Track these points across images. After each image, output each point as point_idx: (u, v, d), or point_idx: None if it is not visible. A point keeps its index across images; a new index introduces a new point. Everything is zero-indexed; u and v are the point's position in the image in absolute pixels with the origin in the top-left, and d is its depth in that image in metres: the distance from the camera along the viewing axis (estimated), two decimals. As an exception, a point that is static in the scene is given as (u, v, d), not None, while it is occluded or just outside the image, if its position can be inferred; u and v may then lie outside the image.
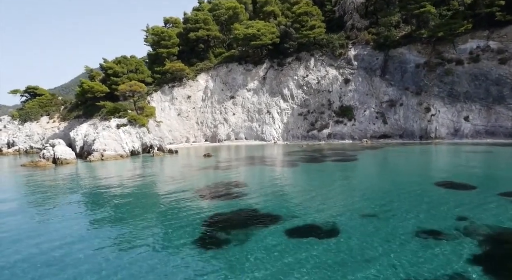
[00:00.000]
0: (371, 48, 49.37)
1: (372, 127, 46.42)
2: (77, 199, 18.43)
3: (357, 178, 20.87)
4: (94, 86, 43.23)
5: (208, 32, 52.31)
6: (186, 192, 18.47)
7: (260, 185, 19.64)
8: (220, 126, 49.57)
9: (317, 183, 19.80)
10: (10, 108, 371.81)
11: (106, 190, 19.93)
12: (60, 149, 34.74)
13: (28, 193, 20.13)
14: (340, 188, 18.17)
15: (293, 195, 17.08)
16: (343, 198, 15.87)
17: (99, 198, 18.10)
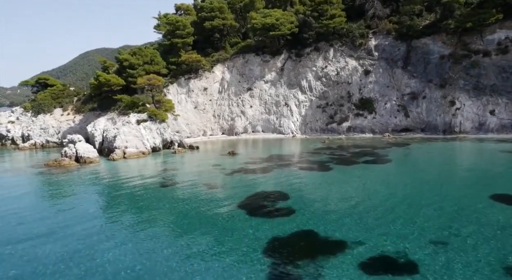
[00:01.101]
0: (393, 38, 47.86)
1: (393, 121, 45.53)
2: (131, 216, 17.90)
3: (402, 189, 20.01)
4: (110, 79, 42.14)
5: (224, 21, 50.65)
6: (230, 206, 17.96)
7: (305, 198, 19.04)
8: (237, 119, 48.73)
9: (364, 195, 19.13)
10: (8, 91, 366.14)
11: (150, 204, 19.40)
12: (82, 147, 34.14)
13: (77, 203, 19.61)
14: (391, 203, 17.54)
15: (346, 211, 16.50)
16: (401, 217, 15.30)
17: (150, 214, 17.58)
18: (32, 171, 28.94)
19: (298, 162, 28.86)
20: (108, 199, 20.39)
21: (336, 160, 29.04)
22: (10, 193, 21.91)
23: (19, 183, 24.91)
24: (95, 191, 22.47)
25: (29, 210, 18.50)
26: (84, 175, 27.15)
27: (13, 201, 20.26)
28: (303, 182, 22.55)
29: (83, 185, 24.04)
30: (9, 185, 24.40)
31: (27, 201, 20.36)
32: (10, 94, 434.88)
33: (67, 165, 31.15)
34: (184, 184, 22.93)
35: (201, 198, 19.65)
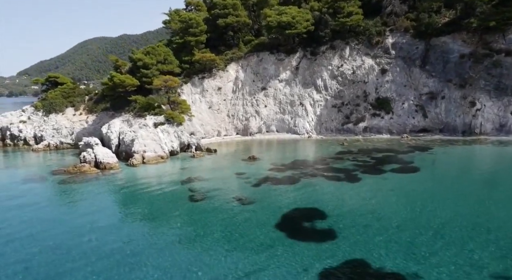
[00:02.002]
0: (411, 36, 46.92)
1: (411, 121, 44.91)
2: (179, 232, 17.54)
3: (444, 206, 19.23)
4: (125, 80, 41.43)
5: (237, 18, 49.60)
6: (267, 226, 17.55)
7: (342, 216, 18.60)
8: (251, 119, 48.13)
9: (405, 214, 18.42)
10: (7, 80, 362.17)
11: (184, 223, 19.02)
12: (101, 152, 33.72)
13: (111, 222, 19.25)
14: (437, 224, 16.97)
15: (391, 235, 16.02)
16: (453, 243, 14.83)
17: (188, 235, 17.21)
18: (55, 179, 28.52)
19: (323, 170, 28.40)
20: (141, 218, 19.90)
21: (362, 168, 28.59)
22: (41, 209, 21.51)
23: (46, 196, 24.47)
24: (125, 206, 22.16)
25: (65, 232, 18.15)
26: (108, 185, 26.78)
27: (46, 218, 19.88)
28: (335, 195, 22.13)
29: (110, 199, 23.74)
30: (36, 197, 23.98)
31: (59, 219, 19.98)
32: (9, 84, 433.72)
33: (88, 171, 30.75)
34: (213, 198, 22.53)
35: (235, 216, 19.27)
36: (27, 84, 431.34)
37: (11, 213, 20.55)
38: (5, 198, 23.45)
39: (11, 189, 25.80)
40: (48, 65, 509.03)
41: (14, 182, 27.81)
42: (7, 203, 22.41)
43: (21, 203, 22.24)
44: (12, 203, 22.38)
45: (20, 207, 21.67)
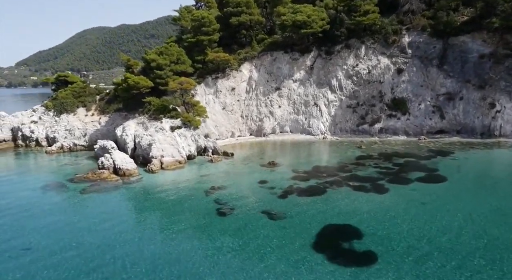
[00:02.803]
0: (428, 35, 46.07)
1: (428, 122, 44.37)
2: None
3: (486, 224, 18.60)
4: (139, 81, 40.79)
5: (251, 16, 48.66)
6: (302, 247, 17.26)
7: (379, 235, 18.24)
8: (265, 119, 47.61)
9: (446, 233, 17.81)
10: (5, 71, 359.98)
11: (217, 240, 18.72)
12: (119, 157, 33.37)
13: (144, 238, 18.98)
14: (484, 246, 16.46)
15: (437, 261, 15.49)
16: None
17: (225, 256, 16.93)
18: (76, 188, 28.20)
19: (348, 179, 28.03)
20: (174, 235, 19.56)
21: (386, 176, 28.24)
22: (68, 225, 21.21)
23: (71, 208, 24.10)
24: (152, 221, 21.80)
25: (100, 249, 17.91)
26: (131, 195, 26.49)
27: (76, 237, 19.62)
28: (365, 210, 21.77)
29: (136, 212, 23.43)
30: (62, 211, 23.69)
31: (90, 236, 19.70)
32: (8, 74, 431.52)
33: (108, 178, 30.42)
34: (241, 212, 22.22)
35: (268, 234, 18.94)
36: (26, 75, 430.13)
37: (41, 232, 20.23)
38: (29, 213, 23.05)
39: (34, 202, 25.35)
40: (46, 55, 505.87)
41: (35, 192, 27.40)
42: (33, 221, 22.07)
43: (49, 221, 21.86)
44: (39, 222, 21.95)
45: (47, 223, 21.35)
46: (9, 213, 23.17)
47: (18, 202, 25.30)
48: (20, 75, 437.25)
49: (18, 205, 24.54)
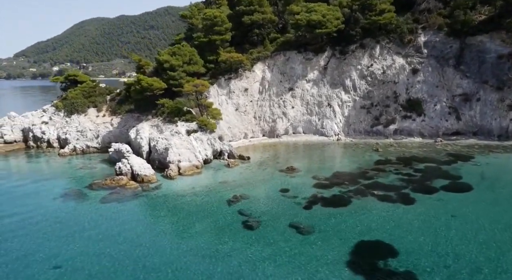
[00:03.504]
0: (445, 34, 45.27)
1: (444, 124, 43.91)
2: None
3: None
4: (153, 83, 40.25)
5: (263, 15, 47.84)
6: (338, 268, 17.03)
7: (414, 254, 17.95)
8: (278, 120, 47.16)
9: (492, 255, 17.39)
10: (4, 62, 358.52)
11: (251, 258, 18.50)
12: (136, 163, 33.08)
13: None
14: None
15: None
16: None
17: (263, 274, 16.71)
18: (96, 196, 27.96)
19: (371, 187, 27.74)
20: (204, 251, 19.41)
21: (410, 184, 27.98)
22: (93, 239, 21.01)
23: (94, 221, 23.82)
24: (178, 235, 21.59)
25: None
26: (153, 205, 26.26)
27: (104, 252, 19.42)
28: (395, 223, 21.50)
29: (161, 224, 23.18)
30: (83, 220, 23.50)
31: (117, 251, 19.49)
32: (6, 66, 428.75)
33: (127, 185, 30.17)
34: (268, 225, 21.98)
35: (300, 251, 18.69)
36: (25, 66, 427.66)
37: (67, 246, 20.04)
38: (51, 226, 22.77)
39: (56, 212, 25.09)
40: (45, 46, 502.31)
41: (56, 202, 27.10)
42: (57, 233, 21.88)
43: (71, 232, 21.72)
44: (63, 232, 21.81)
45: (72, 237, 21.15)
46: (33, 225, 23.01)
47: (40, 212, 25.12)
48: (19, 66, 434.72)
49: (41, 216, 24.38)
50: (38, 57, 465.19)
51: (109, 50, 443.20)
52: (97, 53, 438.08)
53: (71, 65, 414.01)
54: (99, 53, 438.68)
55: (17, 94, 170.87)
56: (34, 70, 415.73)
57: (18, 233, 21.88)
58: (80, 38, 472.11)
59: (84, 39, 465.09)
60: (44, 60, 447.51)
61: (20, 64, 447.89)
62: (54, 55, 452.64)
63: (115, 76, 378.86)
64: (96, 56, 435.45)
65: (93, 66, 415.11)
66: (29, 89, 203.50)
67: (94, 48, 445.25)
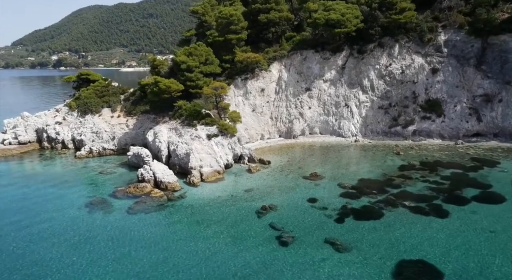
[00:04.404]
0: (466, 33, 44.30)
1: (464, 125, 43.37)
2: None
3: None
4: (171, 85, 39.56)
5: (280, 13, 46.78)
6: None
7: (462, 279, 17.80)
8: (295, 121, 46.62)
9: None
10: (2, 51, 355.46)
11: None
12: (159, 169, 32.74)
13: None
14: None
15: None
16: None
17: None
18: (121, 206, 27.72)
19: (400, 197, 27.46)
20: (242, 272, 19.24)
21: (439, 194, 27.70)
22: (128, 257, 20.82)
23: (121, 232, 23.63)
24: (213, 251, 21.34)
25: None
26: (180, 215, 25.97)
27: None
28: (433, 239, 21.22)
29: (189, 236, 22.91)
30: (112, 234, 23.30)
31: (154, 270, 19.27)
32: (4, 54, 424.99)
33: (152, 194, 29.88)
34: (302, 241, 21.78)
35: (339, 271, 18.55)
36: (23, 55, 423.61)
37: (98, 266, 19.83)
38: (81, 241, 22.59)
39: (83, 224, 24.90)
40: (43, 34, 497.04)
41: (81, 212, 26.88)
42: (88, 249, 21.70)
43: (103, 249, 21.53)
44: (93, 249, 21.64)
45: (104, 255, 20.95)
46: (61, 238, 22.91)
47: (68, 223, 25.02)
48: (17, 55, 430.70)
49: (69, 228, 24.28)
50: (36, 46, 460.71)
51: (107, 38, 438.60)
52: (95, 42, 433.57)
53: (70, 54, 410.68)
54: (98, 42, 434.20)
55: (14, 84, 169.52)
56: (32, 59, 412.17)
57: (47, 246, 21.77)
58: (78, 27, 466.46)
59: (82, 27, 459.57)
60: (42, 49, 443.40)
61: (18, 53, 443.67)
62: (52, 43, 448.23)
63: (114, 65, 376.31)
64: (95, 45, 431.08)
65: (92, 55, 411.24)
66: (29, 80, 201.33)
67: (93, 36, 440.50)
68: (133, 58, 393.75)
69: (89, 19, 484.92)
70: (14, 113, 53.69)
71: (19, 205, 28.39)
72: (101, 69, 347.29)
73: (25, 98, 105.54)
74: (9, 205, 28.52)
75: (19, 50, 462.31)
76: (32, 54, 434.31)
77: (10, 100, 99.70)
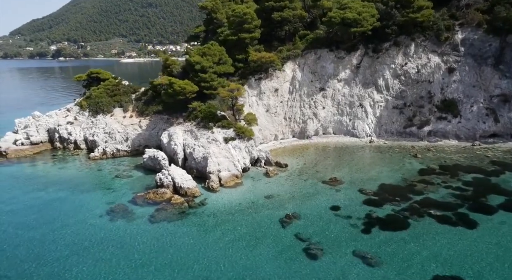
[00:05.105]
0: (484, 31, 43.58)
1: (481, 126, 42.98)
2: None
3: None
4: (185, 87, 39.01)
5: (294, 11, 45.91)
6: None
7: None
8: (309, 121, 46.20)
9: None
10: (0, 41, 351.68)
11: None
12: (177, 174, 32.47)
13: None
14: None
15: None
16: None
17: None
18: (142, 214, 27.55)
19: (424, 205, 27.28)
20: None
21: (464, 201, 27.53)
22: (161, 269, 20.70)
23: (147, 244, 23.44)
24: (238, 261, 21.24)
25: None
26: (202, 224, 25.78)
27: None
28: (465, 253, 21.03)
29: (215, 248, 22.75)
30: (139, 246, 23.19)
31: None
32: (3, 44, 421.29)
33: (172, 200, 29.66)
34: (331, 253, 21.69)
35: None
36: (21, 45, 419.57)
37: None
38: (106, 251, 22.54)
39: (109, 235, 24.76)
40: (41, 24, 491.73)
41: (103, 221, 26.68)
42: (115, 260, 21.61)
43: (130, 261, 21.48)
44: (121, 261, 21.56)
45: (134, 268, 20.86)
46: (86, 249, 22.75)
47: (91, 232, 24.92)
48: (15, 45, 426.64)
49: (92, 238, 24.15)
50: (34, 36, 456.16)
51: (106, 28, 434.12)
52: (94, 32, 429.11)
53: (69, 44, 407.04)
54: (97, 31, 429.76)
55: (15, 77, 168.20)
56: (31, 49, 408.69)
57: (73, 259, 21.64)
58: (77, 16, 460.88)
59: (80, 17, 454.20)
60: (40, 39, 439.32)
61: (16, 43, 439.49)
62: (50, 33, 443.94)
63: (114, 56, 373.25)
64: (94, 34, 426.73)
65: (91, 45, 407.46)
66: (28, 72, 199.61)
67: (92, 26, 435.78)
68: (132, 48, 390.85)
69: (87, 8, 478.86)
70: (20, 110, 53.21)
71: (39, 214, 28.17)
72: (101, 60, 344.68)
73: (29, 94, 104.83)
74: (30, 213, 28.29)
75: (17, 40, 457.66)
76: (30, 44, 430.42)
77: (13, 95, 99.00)
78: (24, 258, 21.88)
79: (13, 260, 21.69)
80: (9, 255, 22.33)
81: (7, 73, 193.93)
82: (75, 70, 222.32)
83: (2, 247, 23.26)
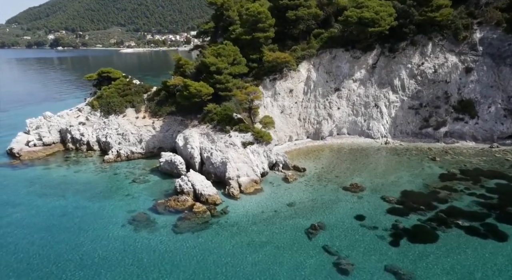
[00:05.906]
0: (503, 30, 42.82)
1: (499, 128, 42.57)
2: None
3: None
4: (201, 89, 38.42)
5: (309, 10, 44.96)
6: None
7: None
8: (323, 122, 45.72)
9: None
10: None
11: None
12: (197, 180, 32.22)
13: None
14: None
15: None
16: None
17: None
18: (165, 223, 27.40)
19: (450, 214, 27.08)
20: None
21: (491, 211, 27.35)
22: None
23: (174, 257, 23.32)
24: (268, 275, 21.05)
25: None
26: (228, 236, 25.50)
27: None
28: (503, 270, 20.80)
29: (244, 263, 22.60)
30: (167, 260, 23.12)
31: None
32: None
33: (194, 208, 29.41)
34: (361, 268, 21.57)
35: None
36: (18, 34, 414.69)
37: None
38: (132, 265, 22.45)
39: (130, 246, 24.63)
40: (38, 12, 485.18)
41: (126, 231, 26.52)
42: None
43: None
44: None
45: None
46: (110, 262, 22.74)
47: (115, 245, 24.78)
48: (12, 33, 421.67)
49: (117, 250, 24.08)
50: (31, 24, 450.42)
51: (105, 17, 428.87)
52: (92, 21, 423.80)
53: (67, 33, 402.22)
54: (95, 20, 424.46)
55: (11, 67, 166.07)
56: (28, 38, 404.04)
57: (100, 272, 21.48)
58: (74, 4, 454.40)
59: (78, 5, 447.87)
60: (38, 28, 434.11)
61: (14, 32, 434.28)
62: (48, 22, 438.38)
63: (113, 45, 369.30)
64: (92, 23, 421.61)
65: (89, 34, 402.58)
66: (28, 63, 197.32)
67: (89, 15, 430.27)
68: (131, 37, 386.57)
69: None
70: (26, 106, 52.52)
71: (60, 221, 28.12)
72: (100, 50, 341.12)
73: (32, 88, 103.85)
74: (51, 222, 28.19)
75: (14, 29, 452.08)
76: (27, 33, 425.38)
77: (16, 89, 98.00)
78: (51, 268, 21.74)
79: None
80: (26, 267, 22.31)
81: (5, 65, 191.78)
82: (74, 61, 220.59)
83: (19, 257, 23.25)
